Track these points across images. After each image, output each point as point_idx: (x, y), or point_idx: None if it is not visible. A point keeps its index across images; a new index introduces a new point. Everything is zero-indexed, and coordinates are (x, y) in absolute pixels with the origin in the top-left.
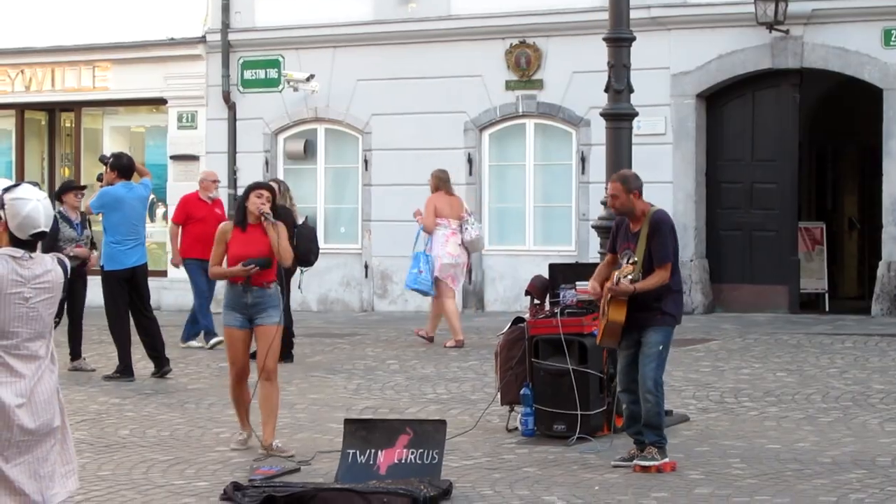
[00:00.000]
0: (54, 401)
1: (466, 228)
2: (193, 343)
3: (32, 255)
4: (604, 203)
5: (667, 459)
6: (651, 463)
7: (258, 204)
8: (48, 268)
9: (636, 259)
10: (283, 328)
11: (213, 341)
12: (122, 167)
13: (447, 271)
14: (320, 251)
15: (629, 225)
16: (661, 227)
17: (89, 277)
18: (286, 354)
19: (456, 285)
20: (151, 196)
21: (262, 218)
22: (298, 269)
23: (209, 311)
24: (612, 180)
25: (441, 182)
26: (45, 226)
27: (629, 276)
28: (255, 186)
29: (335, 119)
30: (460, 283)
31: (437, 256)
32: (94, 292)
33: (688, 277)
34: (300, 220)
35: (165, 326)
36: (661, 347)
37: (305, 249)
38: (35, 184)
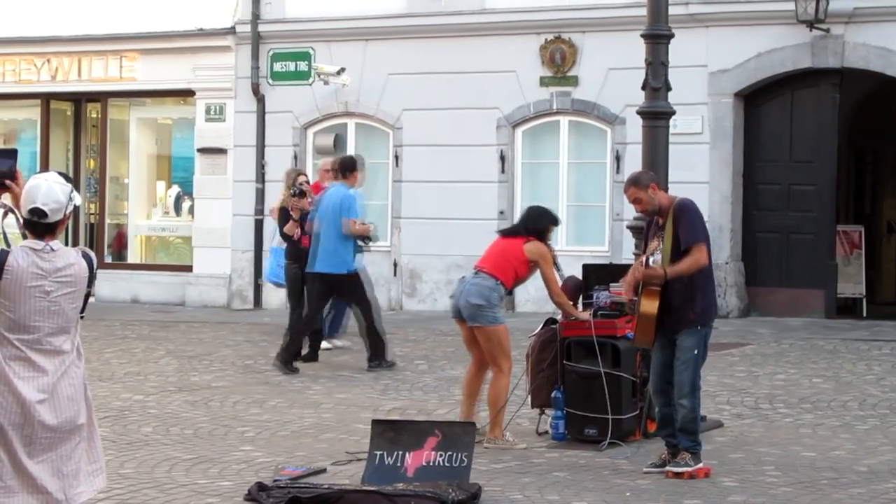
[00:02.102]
0: (79, 397)
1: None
2: (337, 342)
3: (55, 247)
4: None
5: (700, 465)
6: (684, 469)
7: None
8: (71, 261)
9: (661, 242)
10: (316, 329)
11: (329, 345)
12: (339, 165)
13: None
14: None
15: (658, 221)
16: (685, 212)
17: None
18: (313, 354)
19: None
20: (178, 189)
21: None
22: None
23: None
24: (625, 189)
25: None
26: (41, 203)
27: (655, 256)
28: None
29: (366, 113)
30: None
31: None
32: (118, 285)
33: (723, 280)
34: None
35: (190, 322)
36: (696, 352)
37: None
38: (63, 174)
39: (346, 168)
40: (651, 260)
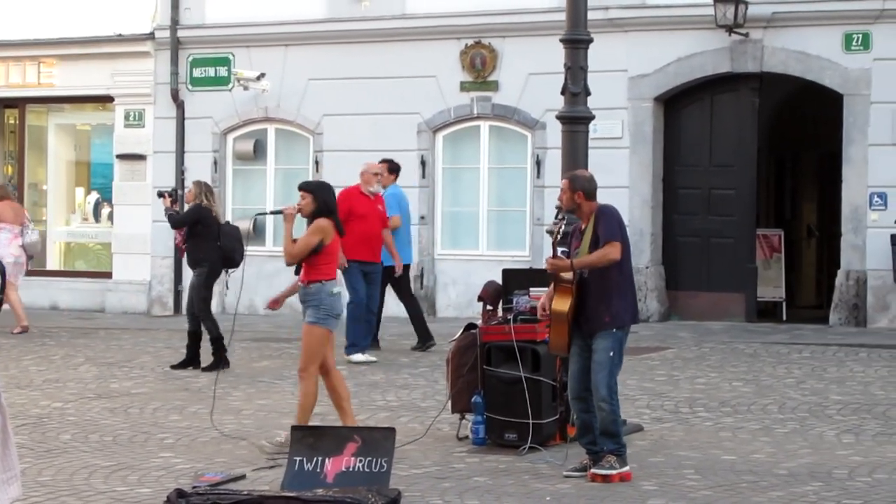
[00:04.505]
0: None
1: (27, 233)
2: (370, 356)
3: None
4: (558, 207)
5: (627, 468)
6: (609, 472)
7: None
8: None
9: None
10: (216, 337)
11: (358, 358)
12: (397, 169)
13: (10, 269)
14: (261, 253)
15: (581, 227)
16: (605, 214)
17: None
18: (218, 361)
19: (18, 281)
20: (97, 196)
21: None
22: (224, 270)
23: (362, 323)
24: (564, 177)
25: (4, 191)
26: None
27: (565, 249)
28: (299, 188)
29: (286, 119)
30: (20, 278)
31: (2, 256)
32: (37, 292)
33: (643, 284)
34: (224, 221)
35: (109, 329)
36: (611, 353)
37: (230, 249)
38: None
39: (399, 169)
40: (560, 251)
